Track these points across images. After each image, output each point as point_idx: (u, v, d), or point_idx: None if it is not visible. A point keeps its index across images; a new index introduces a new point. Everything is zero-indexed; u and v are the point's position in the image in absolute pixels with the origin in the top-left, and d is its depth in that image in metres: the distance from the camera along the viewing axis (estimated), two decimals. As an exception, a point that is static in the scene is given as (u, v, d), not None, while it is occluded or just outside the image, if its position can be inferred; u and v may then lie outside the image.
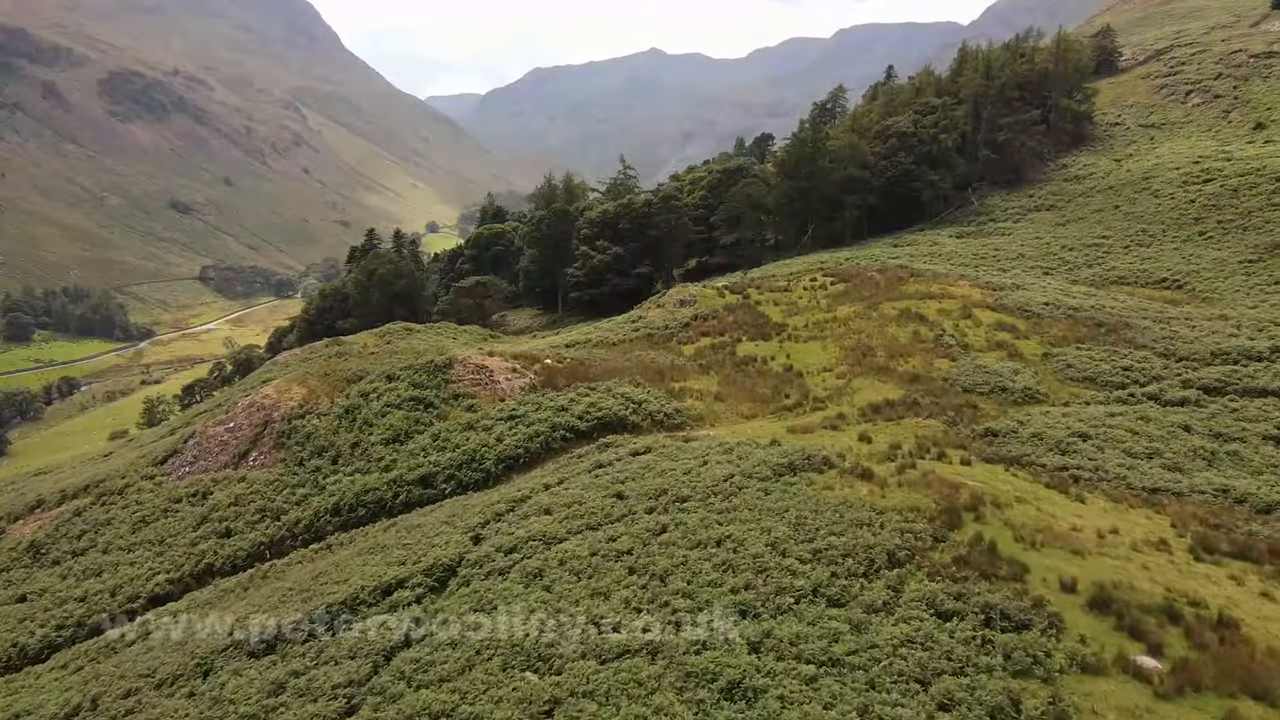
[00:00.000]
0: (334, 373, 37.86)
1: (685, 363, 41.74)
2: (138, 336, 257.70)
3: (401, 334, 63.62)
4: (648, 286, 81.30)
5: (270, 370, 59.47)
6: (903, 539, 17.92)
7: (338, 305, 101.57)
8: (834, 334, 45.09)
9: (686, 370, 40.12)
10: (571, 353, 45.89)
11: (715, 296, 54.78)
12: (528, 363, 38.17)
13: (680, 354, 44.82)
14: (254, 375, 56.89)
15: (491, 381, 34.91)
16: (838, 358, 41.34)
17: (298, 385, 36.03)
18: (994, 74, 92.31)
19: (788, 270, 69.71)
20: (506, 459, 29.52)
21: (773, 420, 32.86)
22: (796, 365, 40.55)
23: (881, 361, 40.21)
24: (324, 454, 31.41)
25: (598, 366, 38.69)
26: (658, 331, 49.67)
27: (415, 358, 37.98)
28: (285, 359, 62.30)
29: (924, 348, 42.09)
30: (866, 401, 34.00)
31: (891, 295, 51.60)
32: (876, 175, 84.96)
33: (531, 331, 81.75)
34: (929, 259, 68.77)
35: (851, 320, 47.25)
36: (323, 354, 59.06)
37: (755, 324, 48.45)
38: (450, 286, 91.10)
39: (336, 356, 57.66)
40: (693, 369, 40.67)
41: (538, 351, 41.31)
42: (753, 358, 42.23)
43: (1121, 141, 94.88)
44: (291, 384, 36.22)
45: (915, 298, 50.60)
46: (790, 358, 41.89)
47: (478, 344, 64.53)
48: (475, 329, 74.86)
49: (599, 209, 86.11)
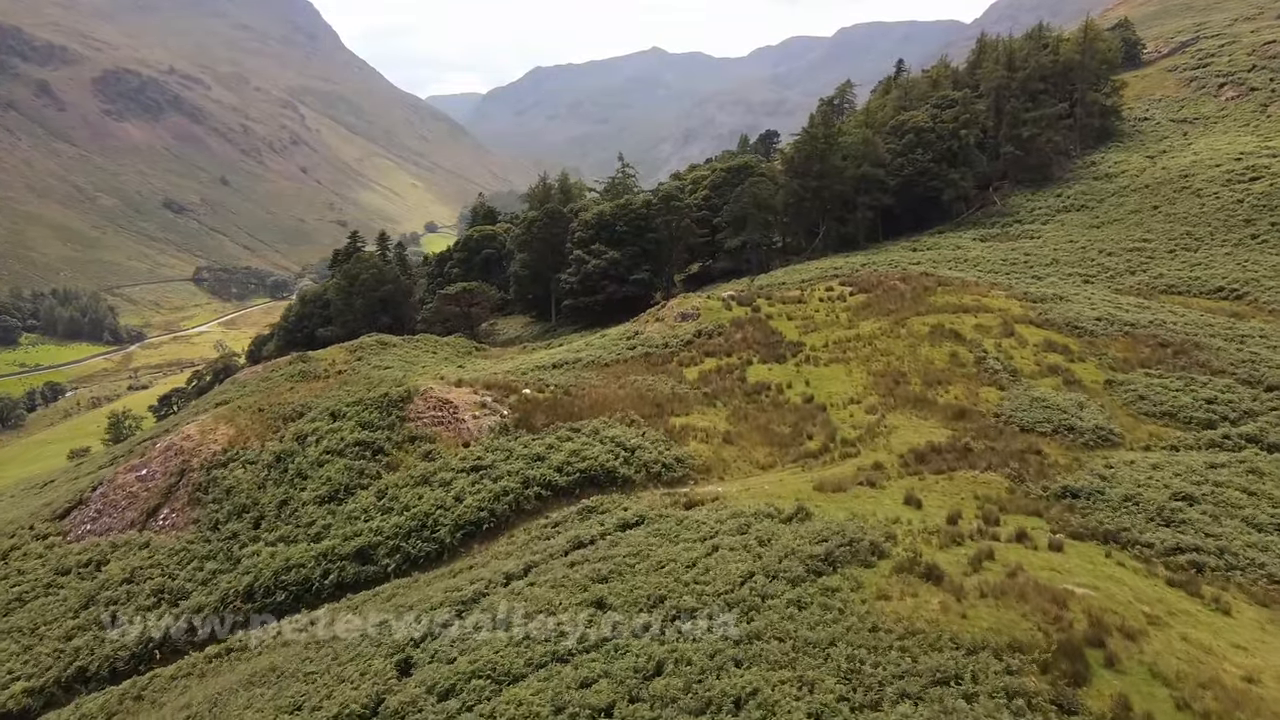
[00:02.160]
0: (270, 408, 32.05)
1: (688, 391, 35.90)
2: (127, 340, 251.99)
3: (375, 349, 57.95)
4: (646, 294, 75.48)
5: (225, 391, 53.75)
6: (1012, 710, 12.04)
7: (318, 312, 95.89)
8: (858, 355, 39.21)
9: (689, 401, 34.27)
10: (557, 376, 40.08)
11: (721, 309, 48.93)
12: (502, 394, 32.35)
13: (681, 378, 38.98)
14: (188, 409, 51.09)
15: (456, 420, 29.10)
16: (865, 385, 35.47)
17: (225, 424, 30.24)
18: (1017, 65, 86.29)
19: (799, 277, 63.85)
20: (466, 525, 23.76)
21: (795, 471, 27.01)
22: (818, 395, 34.68)
23: (917, 390, 34.35)
24: (245, 515, 25.64)
25: (585, 398, 32.87)
26: (656, 351, 43.83)
27: (368, 389, 32.15)
28: (245, 377, 56.62)
29: (965, 373, 36.23)
30: (906, 445, 28.17)
31: (920, 308, 45.72)
32: (892, 173, 79.02)
33: (521, 342, 75.95)
34: (953, 265, 62.91)
35: (878, 338, 41.36)
36: (285, 372, 53.46)
37: (767, 342, 42.57)
38: (437, 293, 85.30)
39: (299, 378, 52.07)
40: (696, 399, 34.83)
41: (515, 379, 35.49)
42: (766, 385, 36.35)
43: (1152, 137, 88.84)
44: (219, 422, 30.43)
45: (947, 311, 44.73)
46: (810, 385, 36.00)
47: (458, 359, 58.88)
48: (459, 340, 69.10)
49: (594, 210, 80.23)
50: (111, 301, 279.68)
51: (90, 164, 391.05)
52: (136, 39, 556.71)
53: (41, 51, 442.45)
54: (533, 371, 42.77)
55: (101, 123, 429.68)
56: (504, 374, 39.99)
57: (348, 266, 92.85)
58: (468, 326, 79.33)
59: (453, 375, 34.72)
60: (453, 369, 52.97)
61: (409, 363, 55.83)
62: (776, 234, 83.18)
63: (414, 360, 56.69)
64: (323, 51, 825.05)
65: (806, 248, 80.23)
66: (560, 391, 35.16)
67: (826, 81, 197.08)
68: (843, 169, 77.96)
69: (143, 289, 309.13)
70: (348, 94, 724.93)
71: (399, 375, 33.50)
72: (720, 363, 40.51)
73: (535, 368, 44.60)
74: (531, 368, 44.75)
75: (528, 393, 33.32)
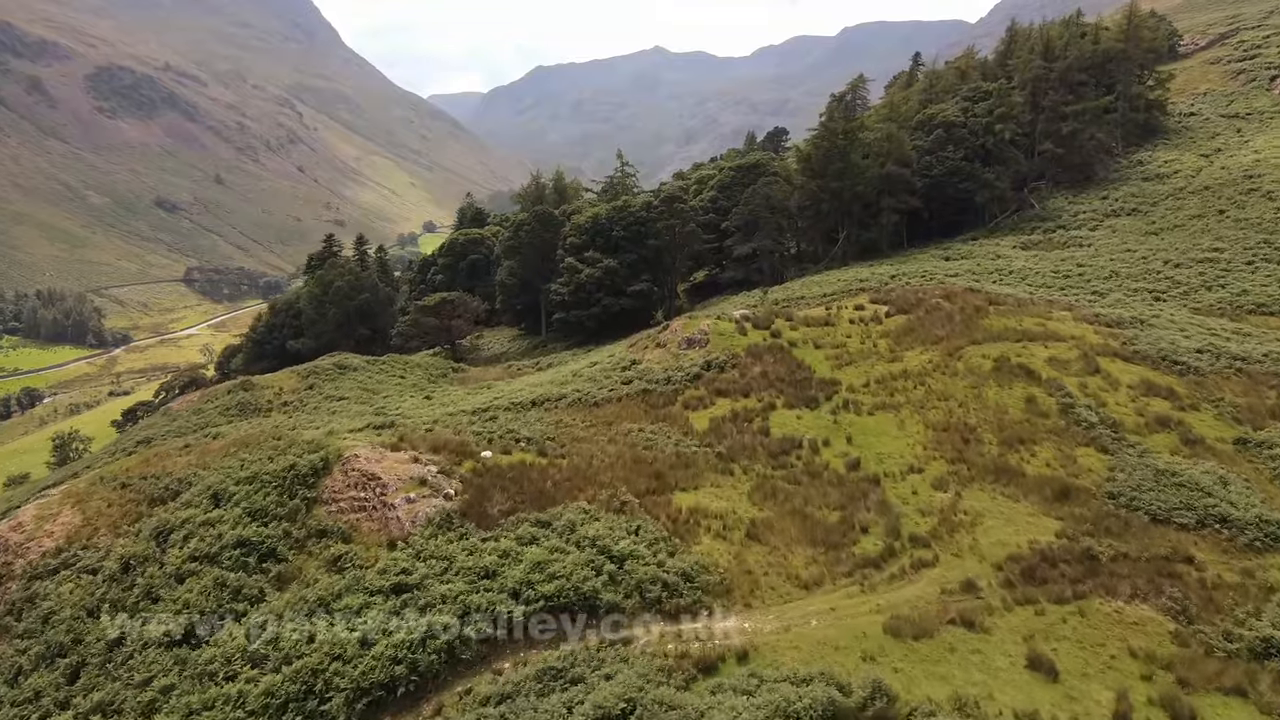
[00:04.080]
0: (139, 482, 24.15)
1: (696, 451, 28.06)
2: (112, 343, 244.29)
3: (331, 374, 50.18)
4: (646, 306, 67.61)
5: (152, 426, 45.95)
6: None
7: (290, 323, 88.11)
8: (909, 399, 31.31)
9: (699, 466, 26.44)
10: (533, 423, 32.24)
11: (734, 333, 41.05)
12: (452, 460, 24.53)
13: (688, 427, 31.13)
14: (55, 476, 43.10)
15: (383, 506, 21.33)
16: (925, 444, 27.60)
17: (72, 508, 22.46)
18: (1055, 54, 78.33)
19: (820, 290, 56.05)
20: (373, 689, 15.99)
21: (851, 592, 19.18)
22: (866, 459, 26.82)
23: (994, 453, 26.49)
24: (60, 660, 17.88)
25: (563, 466, 25.05)
26: (657, 387, 35.97)
27: (271, 454, 24.19)
28: (179, 407, 48.84)
29: (1050, 426, 28.35)
30: (1001, 547, 20.36)
31: (975, 334, 37.85)
32: (919, 173, 71.12)
33: (506, 359, 68.11)
34: (997, 278, 55.01)
35: (930, 375, 33.47)
36: (221, 403, 45.69)
37: (793, 379, 34.69)
38: (414, 304, 77.47)
39: (236, 411, 44.27)
40: (708, 462, 26.99)
41: (474, 436, 27.59)
42: (796, 442, 28.48)
43: (1203, 134, 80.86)
44: (65, 504, 22.67)
45: (1010, 339, 36.88)
46: (854, 444, 28.14)
47: (429, 385, 51.12)
48: (434, 360, 61.27)
49: (589, 213, 72.32)
50: (98, 303, 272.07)
51: (81, 162, 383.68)
52: (132, 35, 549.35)
53: (33, 47, 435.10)
54: (504, 414, 35.00)
55: (94, 120, 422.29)
56: (465, 422, 32.20)
57: (321, 273, 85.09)
58: (448, 341, 71.52)
59: (391, 435, 26.83)
60: (418, 400, 45.25)
61: (370, 390, 48.10)
62: (791, 240, 75.28)
63: (376, 388, 48.93)
64: (322, 49, 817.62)
65: (824, 255, 72.32)
66: (533, 451, 27.32)
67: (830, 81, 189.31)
68: (865, 168, 70.10)
69: (131, 290, 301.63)
70: (347, 92, 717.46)
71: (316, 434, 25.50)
72: (736, 406, 32.64)
73: (510, 406, 36.83)
74: (506, 405, 36.99)
75: (488, 456, 25.46)
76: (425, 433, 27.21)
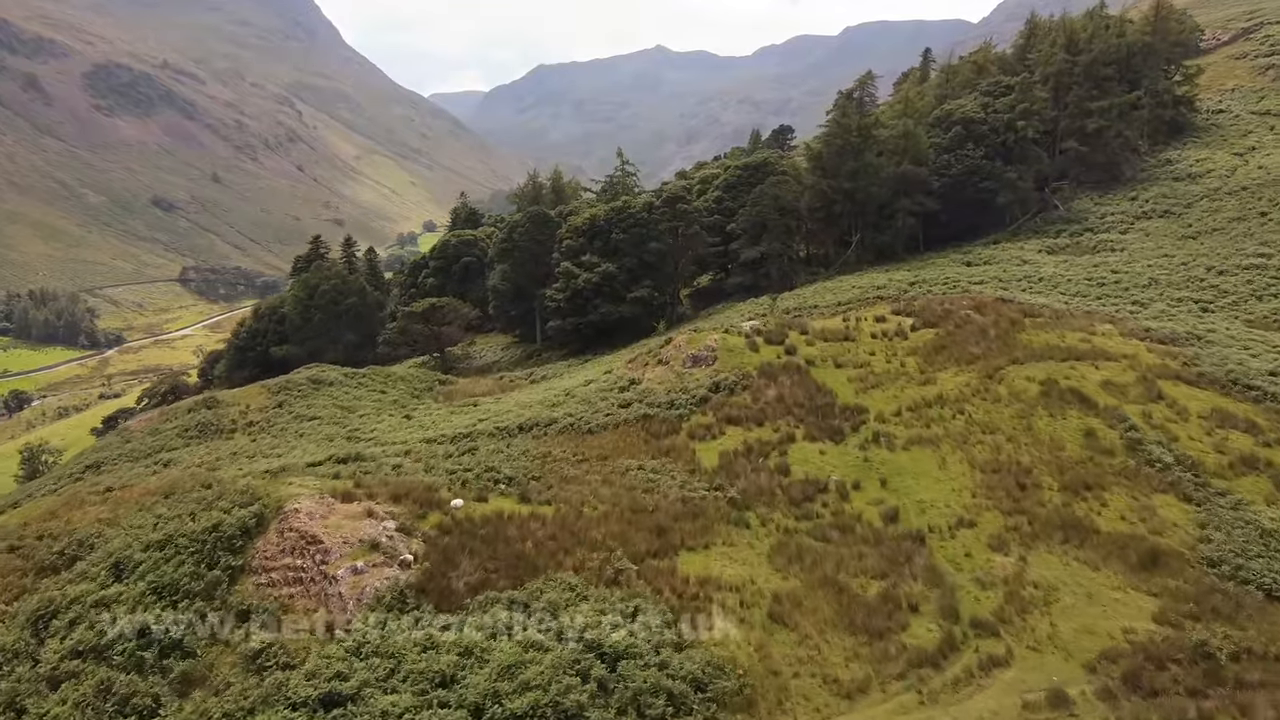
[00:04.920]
0: (30, 544, 20.13)
1: (705, 495, 24.09)
2: (105, 344, 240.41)
3: (304, 390, 46.18)
4: (647, 314, 63.59)
5: (105, 449, 42.00)
6: None
7: (274, 328, 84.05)
8: (949, 431, 27.29)
9: (709, 517, 22.46)
10: (517, 457, 28.26)
11: (744, 349, 37.02)
12: (415, 514, 20.54)
13: (694, 463, 27.14)
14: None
15: (324, 577, 17.38)
16: (973, 489, 23.58)
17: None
18: (1080, 47, 74.18)
19: (834, 298, 52.06)
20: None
21: (905, 704, 15.27)
22: (906, 510, 22.80)
23: (1058, 501, 22.47)
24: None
25: (544, 523, 21.02)
26: (659, 411, 31.96)
27: (194, 511, 20.08)
28: (137, 426, 44.87)
29: (1118, 467, 24.35)
30: (1091, 640, 16.38)
31: (1015, 352, 33.82)
32: (937, 172, 67.08)
33: (499, 369, 64.13)
34: (1025, 286, 51.01)
35: (969, 401, 29.45)
36: (180, 423, 41.78)
37: (813, 405, 30.67)
38: (402, 310, 73.51)
39: (197, 433, 40.36)
40: (719, 511, 23.00)
41: (444, 482, 23.57)
42: (821, 484, 24.49)
43: (1234, 132, 76.74)
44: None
45: (1054, 357, 32.84)
46: (889, 488, 24.13)
47: (410, 401, 47.16)
48: (419, 372, 57.32)
49: (587, 213, 68.29)
50: (92, 303, 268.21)
51: (77, 160, 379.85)
52: (130, 32, 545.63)
53: (30, 44, 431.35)
54: (486, 442, 31.02)
55: (91, 117, 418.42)
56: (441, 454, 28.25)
57: (306, 276, 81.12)
58: (438, 349, 67.55)
59: (346, 478, 22.79)
60: (396, 420, 41.29)
61: (346, 409, 44.11)
62: (800, 243, 71.22)
63: (353, 405, 44.95)
64: (322, 47, 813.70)
65: (836, 260, 68.26)
66: (514, 496, 23.34)
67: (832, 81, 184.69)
68: (879, 167, 66.12)
69: (126, 290, 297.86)
70: (347, 90, 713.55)
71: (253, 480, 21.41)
72: (749, 437, 28.64)
73: (494, 431, 32.85)
74: (490, 431, 33.00)
75: (458, 506, 21.45)
76: (386, 476, 23.24)
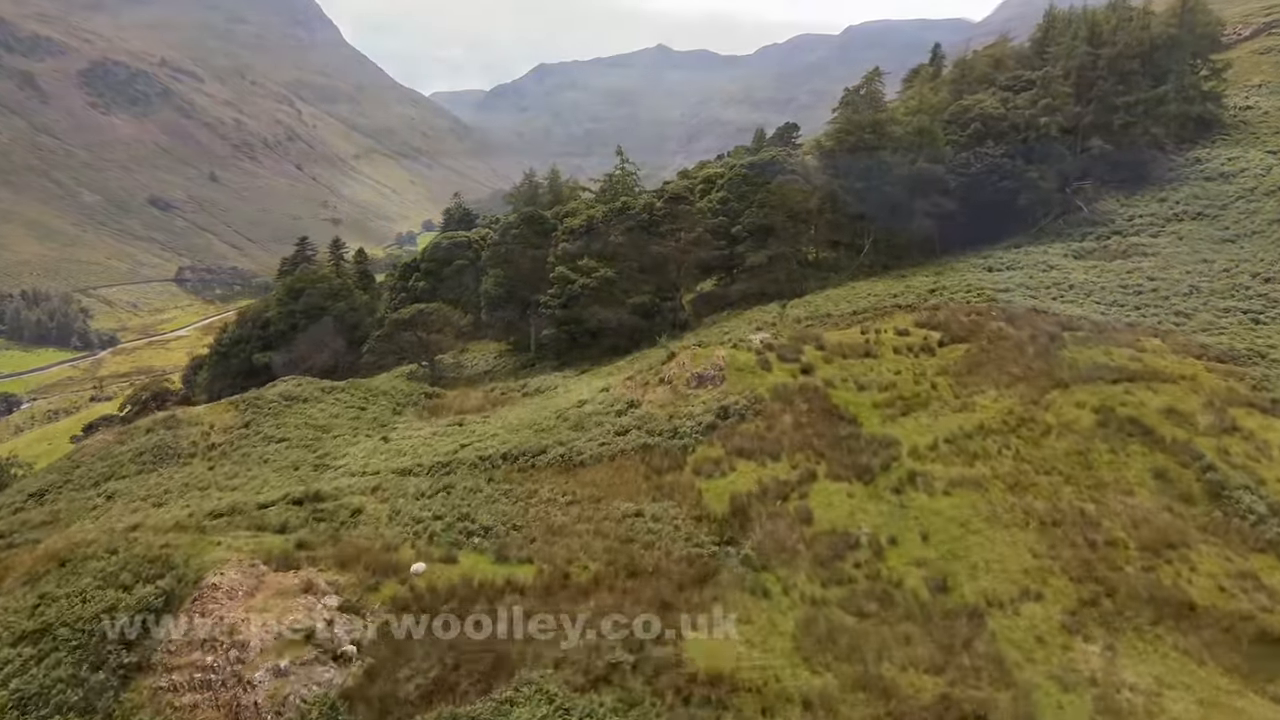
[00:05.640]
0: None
1: (715, 551, 20.46)
2: (98, 345, 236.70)
3: (276, 407, 42.66)
4: (648, 322, 59.93)
5: (53, 472, 38.44)
6: None
7: (258, 334, 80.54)
8: (996, 470, 23.66)
9: (720, 582, 18.82)
10: (496, 497, 24.69)
11: (754, 367, 33.41)
12: (366, 584, 16.93)
13: (701, 506, 23.52)
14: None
15: (238, 682, 13.78)
16: (1033, 545, 19.93)
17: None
18: (1103, 40, 70.53)
19: (849, 306, 48.50)
20: None
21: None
22: (955, 574, 19.13)
23: (1137, 566, 18.83)
24: None
25: (522, 592, 17.39)
26: (660, 441, 28.36)
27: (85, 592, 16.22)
28: (94, 446, 41.28)
29: (1202, 519, 20.72)
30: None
31: (1057, 371, 30.19)
32: (954, 171, 63.47)
33: (490, 380, 60.51)
34: (1056, 293, 47.39)
35: (1015, 433, 25.82)
36: (137, 445, 38.27)
37: (835, 435, 27.06)
38: (389, 317, 69.95)
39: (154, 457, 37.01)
40: (731, 575, 19.39)
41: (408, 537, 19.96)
42: (851, 539, 20.84)
43: (1265, 129, 72.90)
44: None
45: (1104, 379, 29.22)
46: (930, 541, 20.51)
47: (390, 418, 43.68)
48: (403, 384, 53.68)
49: (584, 214, 64.70)
50: (86, 303, 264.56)
51: (73, 159, 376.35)
52: (127, 30, 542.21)
53: (26, 42, 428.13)
54: (466, 475, 27.43)
55: (87, 116, 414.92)
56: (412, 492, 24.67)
57: (290, 280, 77.61)
58: (426, 357, 63.97)
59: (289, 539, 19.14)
60: (373, 442, 37.70)
61: (319, 429, 40.53)
62: (809, 246, 67.60)
63: (328, 424, 41.38)
64: (322, 46, 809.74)
65: (848, 264, 64.59)
66: (490, 553, 19.72)
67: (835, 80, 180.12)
68: (893, 165, 62.51)
69: (120, 290, 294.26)
70: (347, 89, 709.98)
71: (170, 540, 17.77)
72: (763, 475, 25.01)
73: (477, 461, 29.24)
74: (472, 460, 29.41)
75: (419, 572, 17.82)
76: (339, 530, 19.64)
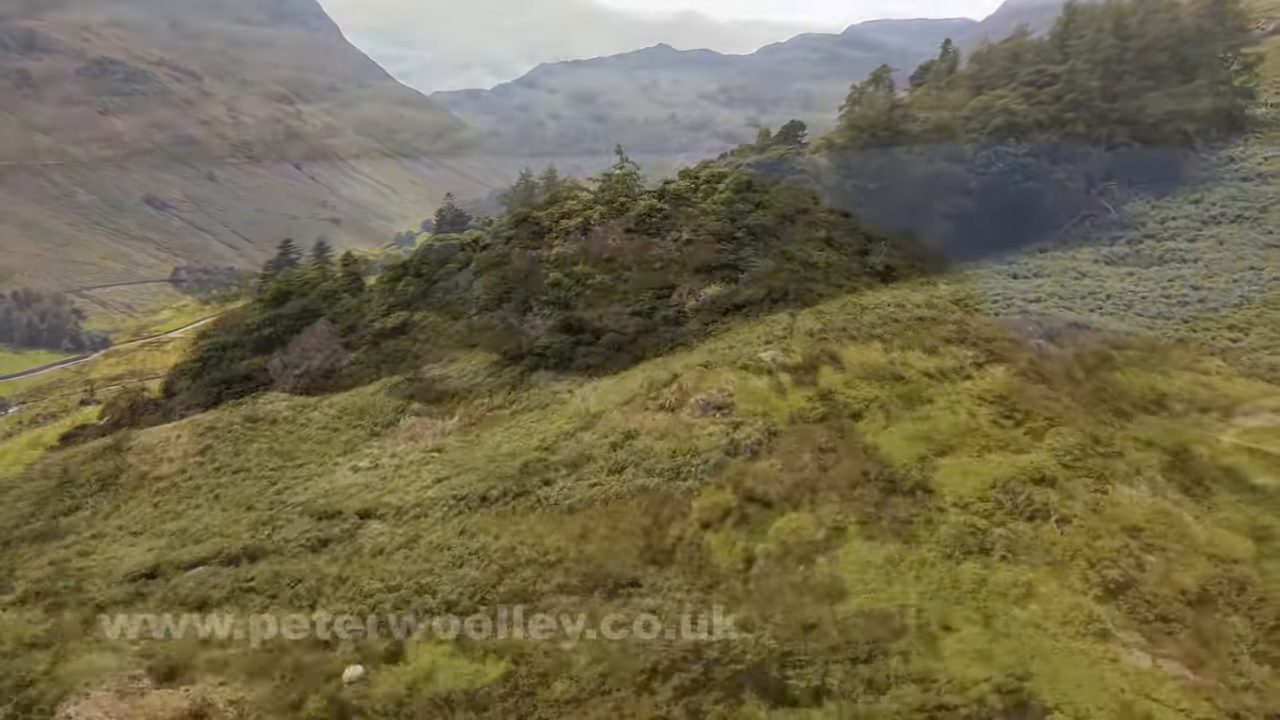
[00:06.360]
0: None
1: (730, 642, 16.51)
2: (91, 346, 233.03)
3: (239, 433, 38.93)
4: (648, 331, 55.94)
5: None
6: None
7: (239, 340, 76.54)
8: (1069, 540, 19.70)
9: (736, 693, 14.87)
10: (467, 556, 20.87)
11: (767, 392, 29.58)
12: (281, 704, 12.99)
13: (710, 571, 19.67)
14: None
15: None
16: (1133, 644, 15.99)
17: None
18: (1130, 32, 66.59)
19: (866, 318, 44.44)
20: None
21: None
22: (1035, 682, 15.15)
23: (1266, 674, 14.86)
24: None
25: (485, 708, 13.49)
26: (659, 482, 24.54)
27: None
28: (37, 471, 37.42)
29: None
30: None
31: (1114, 400, 26.39)
32: (974, 171, 59.58)
33: (479, 393, 56.46)
34: (1092, 305, 43.39)
35: (1080, 479, 21.87)
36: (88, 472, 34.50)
37: (865, 477, 23.22)
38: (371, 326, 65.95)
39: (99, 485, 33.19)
40: (750, 678, 15.40)
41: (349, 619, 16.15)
42: (895, 624, 16.96)
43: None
44: None
45: (1170, 410, 25.35)
46: (994, 626, 16.56)
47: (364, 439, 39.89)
48: (382, 400, 49.80)
49: (580, 215, 60.81)
50: (79, 304, 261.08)
51: (69, 158, 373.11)
52: (126, 29, 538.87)
53: (22, 40, 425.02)
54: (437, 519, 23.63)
55: (84, 115, 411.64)
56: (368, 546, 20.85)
57: (274, 284, 73.62)
58: (411, 369, 59.96)
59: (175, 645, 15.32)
60: (342, 472, 33.86)
61: (284, 456, 36.78)
62: (820, 250, 63.54)
63: (293, 450, 37.64)
64: (322, 45, 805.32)
65: (861, 269, 60.57)
66: (449, 643, 15.85)
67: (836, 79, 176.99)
68: (909, 164, 58.63)
69: (115, 290, 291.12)
70: (347, 88, 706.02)
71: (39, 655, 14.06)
72: (782, 530, 21.17)
73: (453, 502, 25.42)
74: (447, 499, 25.59)
75: (354, 678, 13.95)
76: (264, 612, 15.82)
